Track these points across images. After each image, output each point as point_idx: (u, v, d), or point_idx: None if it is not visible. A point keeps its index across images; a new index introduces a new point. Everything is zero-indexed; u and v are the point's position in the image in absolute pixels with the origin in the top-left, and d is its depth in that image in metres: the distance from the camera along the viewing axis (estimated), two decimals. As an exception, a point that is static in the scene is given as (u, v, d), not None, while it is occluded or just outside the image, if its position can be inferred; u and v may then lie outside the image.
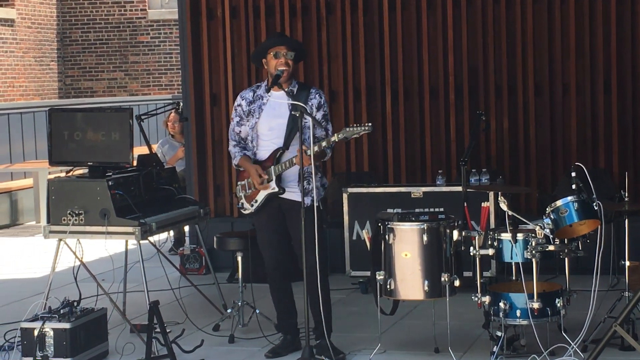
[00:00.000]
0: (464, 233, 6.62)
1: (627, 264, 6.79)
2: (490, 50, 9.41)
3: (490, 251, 6.55)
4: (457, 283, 6.57)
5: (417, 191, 8.48)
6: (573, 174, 6.40)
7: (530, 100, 9.34)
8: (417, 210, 6.74)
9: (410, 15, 9.56)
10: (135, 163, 7.61)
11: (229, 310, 7.48)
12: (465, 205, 6.82)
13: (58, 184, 7.24)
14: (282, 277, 6.83)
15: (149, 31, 20.94)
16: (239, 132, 6.82)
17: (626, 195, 6.78)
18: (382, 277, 6.61)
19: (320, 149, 6.49)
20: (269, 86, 6.70)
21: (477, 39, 9.43)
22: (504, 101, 9.40)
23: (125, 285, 7.95)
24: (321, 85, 9.59)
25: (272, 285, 6.88)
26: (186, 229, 10.33)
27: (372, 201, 8.49)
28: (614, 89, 9.18)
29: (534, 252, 6.41)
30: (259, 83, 6.97)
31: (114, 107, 15.33)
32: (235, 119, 6.83)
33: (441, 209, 6.70)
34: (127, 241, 7.63)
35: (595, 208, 6.39)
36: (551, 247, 6.44)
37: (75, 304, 6.79)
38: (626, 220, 6.78)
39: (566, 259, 6.56)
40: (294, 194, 6.61)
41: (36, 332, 6.54)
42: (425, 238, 6.52)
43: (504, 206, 6.40)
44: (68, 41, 20.95)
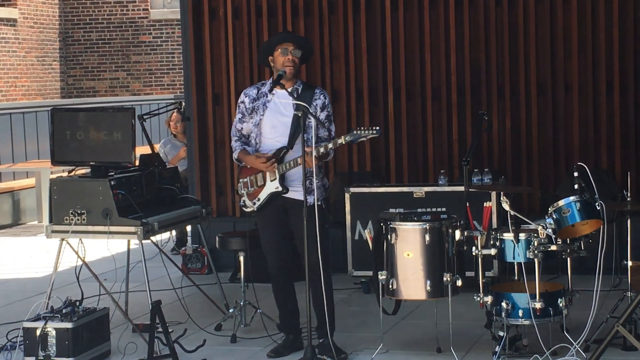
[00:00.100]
0: (466, 233, 6.61)
1: (630, 263, 6.78)
2: (492, 50, 9.40)
3: (493, 251, 6.55)
4: (459, 283, 6.57)
5: (420, 191, 8.48)
6: (575, 173, 6.40)
7: (533, 100, 9.34)
8: (419, 210, 6.74)
9: (412, 15, 9.56)
10: (137, 163, 7.60)
11: (231, 310, 7.48)
12: (468, 205, 6.82)
13: (60, 183, 7.24)
14: (284, 276, 6.83)
15: (151, 31, 20.95)
16: (241, 129, 6.82)
17: (628, 195, 6.77)
18: (384, 277, 6.61)
19: (326, 150, 6.49)
20: (271, 85, 6.69)
21: (479, 38, 9.42)
22: (506, 101, 9.40)
23: (127, 285, 7.95)
24: (323, 85, 9.59)
25: (275, 285, 6.88)
26: (188, 228, 10.33)
27: (374, 201, 8.49)
28: (616, 89, 9.17)
29: (536, 252, 6.41)
30: (263, 81, 6.97)
31: (116, 106, 15.32)
32: (238, 116, 6.82)
33: (443, 209, 6.69)
34: (129, 241, 7.62)
35: (598, 208, 6.39)
36: (553, 247, 6.44)
37: (77, 303, 6.80)
38: (628, 220, 6.78)
39: (568, 258, 6.56)
40: (297, 192, 6.60)
41: (38, 332, 6.54)
42: (427, 238, 6.51)
43: (506, 206, 6.40)
44: (70, 41, 20.95)
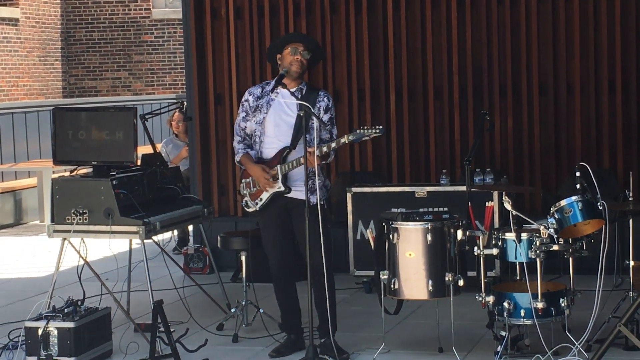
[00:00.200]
0: (468, 233, 6.61)
1: (632, 263, 6.78)
2: (494, 50, 9.40)
3: (495, 251, 6.54)
4: (461, 283, 6.57)
5: (421, 191, 8.48)
6: (577, 173, 6.40)
7: (535, 99, 9.34)
8: (421, 209, 6.73)
9: (414, 15, 9.56)
10: (139, 162, 7.61)
11: (232, 310, 7.47)
12: (470, 204, 6.82)
13: (62, 183, 7.24)
14: (286, 276, 6.83)
15: (153, 31, 20.95)
16: (244, 128, 6.81)
17: (630, 195, 6.77)
18: (386, 276, 6.61)
19: (329, 150, 6.50)
20: (274, 85, 6.69)
21: (481, 38, 9.42)
22: (508, 101, 9.39)
23: (129, 284, 7.95)
24: (325, 85, 9.59)
25: (277, 285, 6.88)
26: (190, 228, 10.33)
27: (376, 201, 8.49)
28: (618, 89, 9.17)
29: (538, 251, 6.41)
30: (268, 80, 6.97)
31: (118, 106, 15.31)
32: (241, 114, 6.81)
33: (445, 209, 6.69)
34: (131, 240, 7.63)
35: (600, 208, 6.39)
36: (555, 247, 6.43)
37: (79, 303, 6.80)
38: (630, 220, 6.78)
39: (570, 258, 6.55)
40: (299, 192, 6.60)
41: (40, 331, 6.54)
42: (429, 238, 6.51)
43: (508, 206, 6.39)
44: (72, 40, 20.96)
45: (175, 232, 10.65)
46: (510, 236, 6.50)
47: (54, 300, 7.09)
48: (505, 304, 6.42)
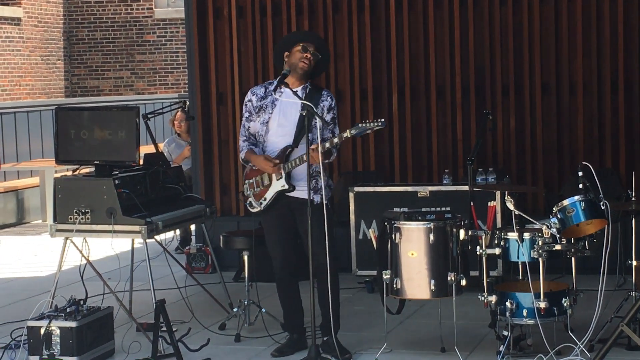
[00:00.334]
0: (470, 232, 6.61)
1: (634, 263, 6.77)
2: (497, 50, 9.40)
3: (497, 250, 6.54)
4: (463, 282, 6.57)
5: (424, 190, 8.48)
6: (580, 173, 6.39)
7: (537, 99, 9.33)
8: (423, 209, 6.75)
9: (417, 15, 9.56)
10: (141, 162, 7.61)
11: (235, 309, 7.47)
12: (472, 204, 6.82)
13: (64, 182, 7.25)
14: (289, 275, 6.83)
15: (155, 30, 20.95)
16: (248, 128, 6.82)
17: (633, 194, 6.76)
18: (388, 276, 6.61)
19: (332, 145, 6.50)
20: (276, 84, 6.69)
21: (483, 38, 9.42)
22: (511, 100, 9.39)
23: (131, 284, 7.95)
24: (328, 85, 9.59)
25: (280, 284, 6.88)
26: (192, 227, 10.33)
27: (378, 200, 8.49)
28: (621, 88, 9.16)
29: (540, 251, 6.40)
30: (271, 80, 6.97)
31: (120, 105, 15.33)
32: (245, 115, 6.82)
33: (448, 208, 6.70)
34: (133, 240, 7.63)
35: (602, 207, 6.38)
36: (558, 247, 6.43)
37: (81, 302, 6.80)
38: (633, 219, 6.77)
39: (573, 258, 6.55)
40: (303, 192, 6.59)
41: (42, 331, 6.55)
42: (431, 237, 6.51)
43: (510, 205, 6.39)
44: (74, 40, 20.96)
45: (178, 231, 10.65)
46: (513, 236, 6.50)
47: (56, 299, 7.09)
48: (508, 303, 6.42)
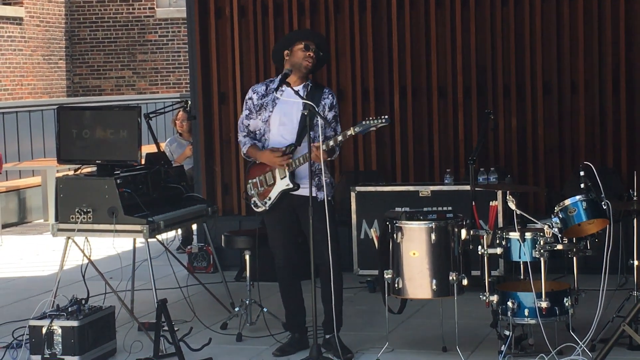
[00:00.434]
0: (472, 232, 6.61)
1: (636, 263, 6.77)
2: (498, 49, 9.39)
3: (499, 250, 6.54)
4: (465, 282, 6.57)
5: (425, 190, 8.48)
6: (581, 173, 6.39)
7: (539, 99, 9.33)
8: (425, 209, 6.74)
9: (418, 14, 9.55)
10: (143, 161, 7.61)
11: (236, 309, 7.48)
12: (474, 204, 6.82)
13: (66, 182, 7.25)
14: (291, 275, 6.83)
15: (157, 30, 20.95)
16: (248, 126, 6.81)
17: (635, 194, 6.76)
18: (390, 275, 6.61)
19: (335, 143, 6.50)
20: (278, 83, 6.68)
21: (485, 37, 9.41)
22: (512, 100, 9.39)
23: (133, 283, 7.96)
24: (329, 84, 9.58)
25: (282, 283, 6.88)
26: (194, 227, 10.33)
27: (380, 200, 8.49)
28: (622, 88, 9.16)
29: (542, 251, 6.40)
30: (272, 78, 6.96)
31: (122, 105, 15.33)
32: (245, 112, 6.81)
33: (449, 208, 6.69)
34: (135, 239, 7.63)
35: (604, 207, 6.38)
36: (559, 246, 6.43)
37: (83, 302, 6.80)
38: (635, 219, 6.77)
39: (574, 258, 6.55)
40: (307, 190, 6.58)
41: (44, 330, 6.55)
42: (433, 237, 6.51)
43: (512, 205, 6.39)
44: (76, 39, 20.97)
45: (179, 231, 10.66)
46: (514, 235, 6.49)
47: (58, 299, 7.09)
48: (509, 303, 6.42)
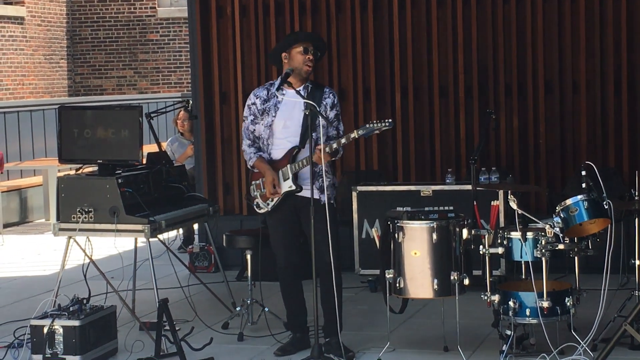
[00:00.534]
0: (473, 232, 6.61)
1: (637, 262, 6.76)
2: (500, 49, 9.39)
3: (500, 250, 6.54)
4: (466, 282, 6.57)
5: (427, 190, 8.48)
6: (583, 172, 6.39)
7: (540, 98, 9.33)
8: (426, 208, 6.73)
9: (420, 14, 9.55)
10: (144, 161, 7.61)
11: (238, 309, 7.47)
12: (475, 203, 6.81)
13: (68, 181, 7.25)
14: (293, 275, 6.83)
15: (158, 29, 20.96)
16: (253, 131, 6.79)
17: (636, 194, 6.75)
18: (391, 275, 6.61)
19: (339, 146, 6.50)
20: (279, 84, 6.68)
21: (486, 37, 9.41)
22: (514, 100, 9.38)
23: (134, 283, 7.96)
24: (331, 84, 9.58)
25: (283, 283, 6.88)
26: (195, 226, 10.33)
27: (381, 200, 8.49)
28: (624, 88, 9.16)
29: (543, 250, 6.40)
30: (272, 81, 6.95)
31: (123, 104, 15.31)
32: (250, 118, 6.79)
33: (451, 208, 6.69)
34: (136, 239, 7.63)
35: (605, 207, 6.38)
36: (561, 246, 6.43)
37: (84, 301, 6.80)
38: (636, 219, 6.76)
39: (576, 257, 6.55)
40: (309, 191, 6.58)
41: (46, 330, 6.55)
42: (434, 236, 6.51)
43: (513, 205, 6.39)
44: (78, 39, 20.97)
45: (181, 230, 10.66)
46: (516, 235, 6.49)
47: (59, 298, 7.09)
48: (511, 303, 6.42)
